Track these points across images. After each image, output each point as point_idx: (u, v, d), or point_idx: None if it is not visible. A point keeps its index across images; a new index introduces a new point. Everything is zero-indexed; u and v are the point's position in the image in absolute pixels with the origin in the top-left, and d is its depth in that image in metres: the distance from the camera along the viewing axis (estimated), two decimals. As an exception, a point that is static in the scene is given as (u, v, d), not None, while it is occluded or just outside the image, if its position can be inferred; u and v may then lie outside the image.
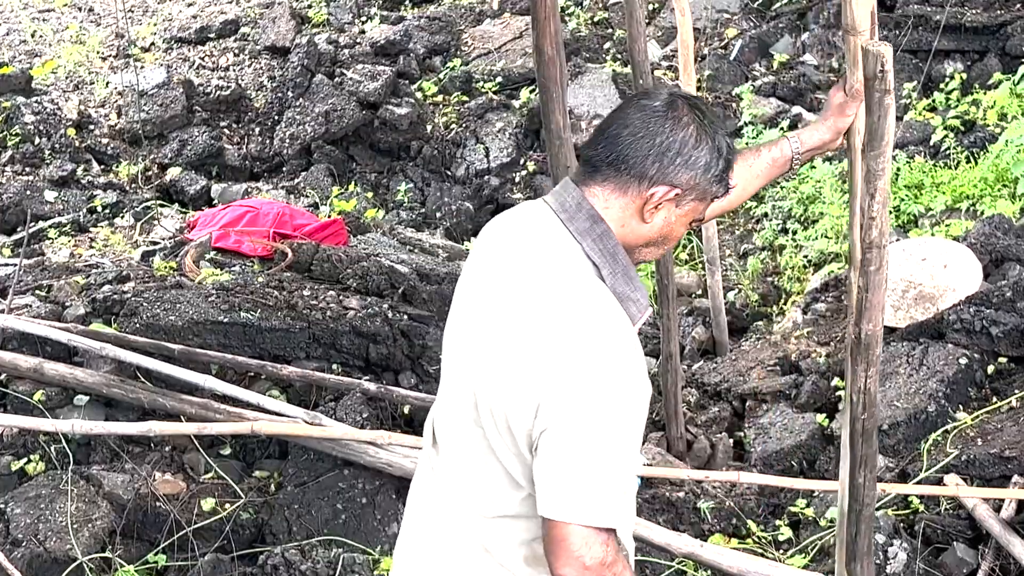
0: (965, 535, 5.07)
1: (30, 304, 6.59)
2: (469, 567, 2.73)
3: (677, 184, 2.57)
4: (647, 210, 2.58)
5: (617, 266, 2.59)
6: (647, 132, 2.56)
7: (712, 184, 2.62)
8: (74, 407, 5.77)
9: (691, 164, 2.57)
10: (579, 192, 2.61)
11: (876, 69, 2.83)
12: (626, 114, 2.61)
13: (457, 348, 2.72)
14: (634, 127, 2.57)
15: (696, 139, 2.57)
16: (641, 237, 2.64)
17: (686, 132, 2.57)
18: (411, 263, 7.85)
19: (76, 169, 9.80)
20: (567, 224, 2.59)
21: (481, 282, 2.68)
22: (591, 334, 2.46)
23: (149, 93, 11.06)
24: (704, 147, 2.58)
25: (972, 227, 7.20)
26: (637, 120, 2.58)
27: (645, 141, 2.56)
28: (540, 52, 4.50)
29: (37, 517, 5.06)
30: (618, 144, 2.58)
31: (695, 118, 2.58)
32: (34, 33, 12.80)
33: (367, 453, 5.32)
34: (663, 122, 2.57)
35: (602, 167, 2.60)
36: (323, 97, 11.03)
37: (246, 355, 6.16)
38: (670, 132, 2.56)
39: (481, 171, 10.86)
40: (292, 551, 4.94)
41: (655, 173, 2.56)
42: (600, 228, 2.58)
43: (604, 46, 12.23)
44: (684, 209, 2.63)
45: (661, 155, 2.55)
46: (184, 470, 5.60)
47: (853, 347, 3.13)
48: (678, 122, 2.57)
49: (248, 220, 8.21)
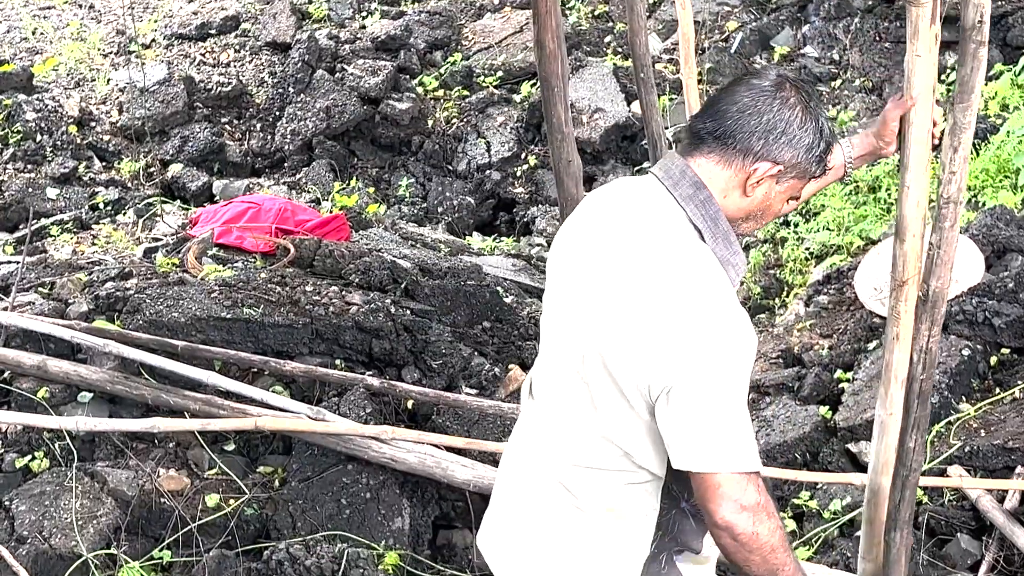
0: (969, 526, 5.08)
1: (33, 302, 6.59)
2: (550, 505, 2.92)
3: (780, 161, 2.70)
4: (749, 184, 2.72)
5: (718, 231, 2.73)
6: (755, 110, 2.69)
7: (812, 164, 2.75)
8: (78, 404, 5.78)
9: (795, 143, 2.70)
10: (683, 162, 2.75)
11: (975, 19, 2.84)
12: (735, 91, 2.74)
13: (563, 310, 2.85)
14: (743, 104, 2.70)
15: (801, 120, 2.70)
16: (741, 210, 2.77)
17: (792, 112, 2.69)
18: (413, 258, 7.86)
19: (78, 166, 9.81)
20: (671, 190, 2.73)
21: (587, 247, 2.81)
22: (703, 294, 2.62)
23: (150, 90, 11.07)
24: (808, 127, 2.70)
25: (974, 218, 7.19)
26: (746, 97, 2.70)
27: (753, 118, 2.68)
28: (541, 46, 4.50)
29: (42, 514, 5.07)
30: (726, 119, 2.70)
31: (801, 99, 2.71)
32: (35, 30, 12.79)
33: (371, 448, 5.33)
34: (771, 101, 2.69)
35: (708, 140, 2.73)
36: (324, 92, 11.03)
37: (249, 351, 6.17)
38: (777, 111, 2.69)
39: (482, 165, 10.86)
40: (296, 546, 4.95)
41: (760, 149, 2.69)
42: (703, 194, 2.72)
43: (605, 40, 12.22)
44: (784, 186, 2.76)
45: (767, 132, 2.68)
46: (188, 466, 5.60)
47: (919, 305, 3.11)
48: (785, 102, 2.69)
49: (250, 216, 8.21)
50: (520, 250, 9.43)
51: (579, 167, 4.87)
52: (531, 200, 10.54)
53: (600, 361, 2.70)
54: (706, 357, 2.57)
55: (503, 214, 10.76)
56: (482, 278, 7.55)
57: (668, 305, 2.60)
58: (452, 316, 6.95)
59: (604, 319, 2.70)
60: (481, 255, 9.02)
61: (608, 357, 2.68)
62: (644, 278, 2.65)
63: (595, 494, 2.85)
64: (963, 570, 4.91)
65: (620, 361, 2.66)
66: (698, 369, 2.57)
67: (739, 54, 11.57)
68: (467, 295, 7.11)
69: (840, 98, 10.16)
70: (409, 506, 5.32)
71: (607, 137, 10.58)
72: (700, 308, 2.60)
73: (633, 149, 10.61)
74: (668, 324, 2.59)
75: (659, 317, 2.60)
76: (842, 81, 10.43)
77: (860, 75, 10.39)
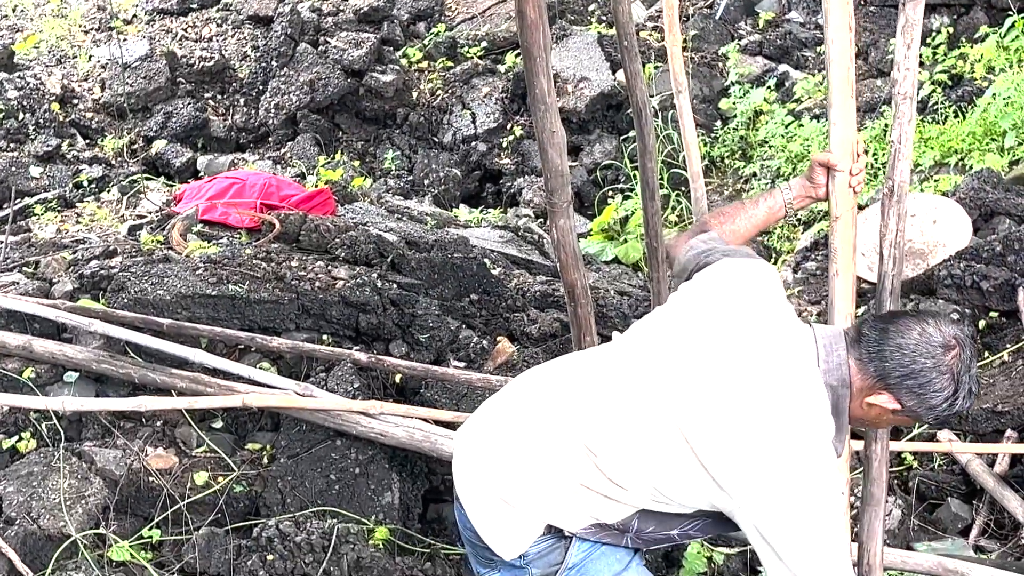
0: (959, 490, 5.09)
1: (17, 281, 6.55)
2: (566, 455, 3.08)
3: (902, 403, 2.87)
4: (866, 401, 2.90)
5: (839, 418, 2.93)
6: (912, 354, 2.84)
7: (930, 417, 2.90)
8: (64, 384, 5.75)
9: (924, 399, 2.85)
10: (844, 353, 2.91)
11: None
12: (912, 328, 2.88)
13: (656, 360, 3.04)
14: (905, 344, 2.85)
15: (943, 385, 2.83)
16: (854, 414, 2.95)
17: (941, 377, 2.83)
18: (399, 231, 7.83)
19: (61, 144, 9.76)
20: (824, 370, 2.90)
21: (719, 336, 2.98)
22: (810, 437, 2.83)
23: (132, 66, 11.01)
24: (945, 394, 2.84)
25: (961, 182, 7.19)
26: (913, 341, 2.85)
27: (906, 359, 2.84)
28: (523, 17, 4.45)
29: (30, 495, 5.04)
30: (885, 345, 2.86)
31: (960, 370, 2.84)
32: (15, 8, 12.70)
33: (359, 423, 5.31)
34: (929, 357, 2.83)
35: (866, 348, 2.89)
36: (307, 66, 10.98)
37: (235, 328, 6.14)
38: (929, 368, 2.83)
39: (468, 137, 10.84)
40: (286, 523, 4.94)
41: (893, 385, 2.86)
42: (843, 392, 2.90)
43: (589, 8, 12.18)
44: (895, 417, 2.95)
45: (907, 377, 2.84)
46: (176, 444, 5.58)
47: (885, 201, 3.27)
48: (940, 363, 2.83)
49: (234, 192, 8.18)
50: (507, 221, 9.40)
51: (563, 138, 4.83)
52: (517, 171, 10.52)
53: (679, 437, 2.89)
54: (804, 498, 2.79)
55: (489, 185, 10.74)
56: (469, 250, 7.53)
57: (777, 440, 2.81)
58: (439, 289, 6.93)
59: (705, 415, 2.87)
60: (468, 227, 9.00)
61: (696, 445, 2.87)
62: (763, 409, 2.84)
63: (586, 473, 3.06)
64: (954, 534, 4.92)
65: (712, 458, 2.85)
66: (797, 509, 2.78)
67: (724, 20, 11.54)
68: (454, 268, 7.09)
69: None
70: (399, 480, 5.31)
71: (592, 106, 10.55)
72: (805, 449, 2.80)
73: (619, 118, 10.58)
74: (772, 456, 2.80)
75: (765, 447, 2.80)
76: (827, 46, 10.39)
77: (845, 40, 10.35)
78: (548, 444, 3.11)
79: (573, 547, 3.12)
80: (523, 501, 3.11)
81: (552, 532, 3.12)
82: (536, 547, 3.12)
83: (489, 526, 3.15)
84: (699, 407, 2.89)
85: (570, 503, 3.07)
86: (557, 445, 3.09)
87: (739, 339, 2.95)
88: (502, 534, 3.14)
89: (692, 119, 6.37)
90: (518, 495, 3.11)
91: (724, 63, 10.94)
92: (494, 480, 3.17)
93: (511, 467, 3.15)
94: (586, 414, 3.08)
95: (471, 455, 3.29)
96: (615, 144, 10.39)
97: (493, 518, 3.15)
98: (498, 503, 3.14)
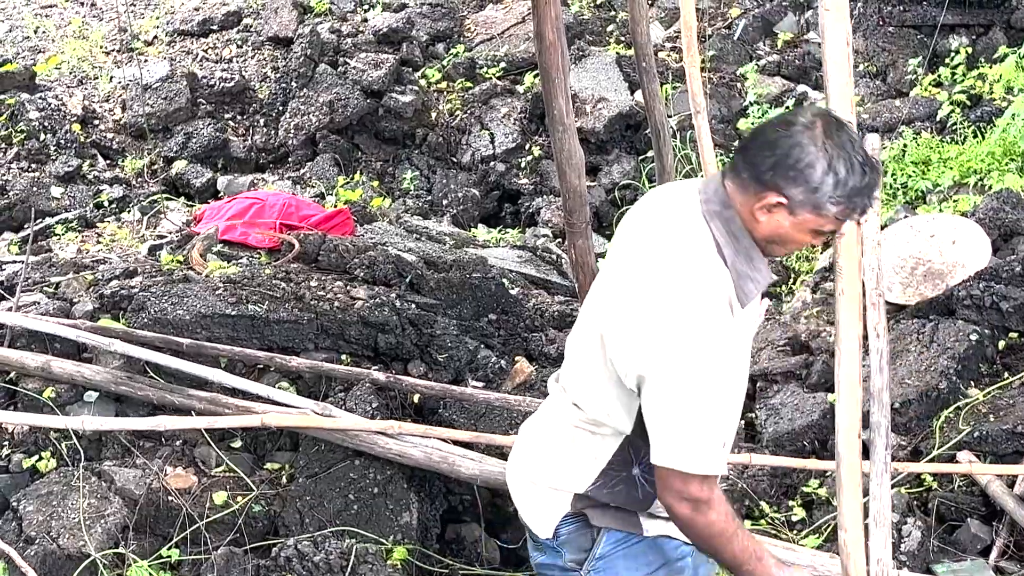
0: (979, 512, 5.06)
1: (38, 301, 6.58)
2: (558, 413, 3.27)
3: (787, 195, 2.81)
4: (757, 210, 2.86)
5: (739, 246, 2.91)
6: (775, 143, 2.81)
7: (825, 202, 2.79)
8: (84, 403, 5.77)
9: (801, 179, 2.78)
10: (720, 180, 2.95)
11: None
12: (770, 124, 2.90)
13: (593, 295, 3.16)
14: (766, 136, 2.85)
15: (813, 159, 2.76)
16: (758, 233, 2.91)
17: (805, 151, 2.77)
18: (418, 251, 7.84)
19: (81, 164, 9.80)
20: (703, 204, 2.94)
21: (624, 243, 3.10)
22: (686, 298, 2.82)
23: (153, 87, 11.05)
24: (819, 167, 2.76)
25: (980, 202, 7.17)
26: (772, 131, 2.85)
27: (768, 150, 2.82)
28: (541, 38, 4.48)
29: (50, 514, 5.06)
30: (751, 149, 2.87)
31: (822, 140, 2.77)
32: (37, 29, 12.78)
33: (378, 443, 5.32)
34: (792, 138, 2.79)
35: (738, 164, 2.90)
36: (327, 87, 11.01)
37: (254, 347, 6.16)
38: (791, 148, 2.78)
39: (487, 157, 10.85)
40: (305, 543, 4.94)
41: (768, 179, 2.81)
42: (728, 213, 2.91)
43: (607, 29, 12.20)
44: (799, 218, 2.85)
45: (776, 165, 2.79)
46: (195, 464, 5.60)
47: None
48: (801, 139, 2.78)
49: (254, 212, 8.20)
50: (525, 241, 9.41)
51: (581, 159, 4.85)
52: (536, 191, 10.52)
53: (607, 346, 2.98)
54: (676, 358, 2.81)
55: (508, 205, 10.75)
56: (487, 270, 7.54)
57: (654, 303, 2.84)
58: (458, 309, 6.94)
59: (612, 311, 2.98)
60: (486, 247, 9.01)
61: (610, 345, 2.97)
62: (645, 282, 2.90)
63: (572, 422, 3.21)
64: (974, 555, 4.90)
65: (617, 350, 2.94)
66: (666, 368, 2.82)
67: (742, 41, 11.54)
68: (472, 287, 7.10)
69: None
70: (417, 500, 5.31)
71: (611, 126, 10.56)
72: (680, 311, 2.81)
73: (637, 138, 10.58)
74: (650, 320, 2.84)
75: (644, 312, 2.86)
76: (846, 66, 10.38)
77: (864, 60, 10.35)
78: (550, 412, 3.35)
79: (601, 538, 3.20)
80: (542, 475, 3.27)
81: (579, 517, 3.22)
82: (565, 528, 3.23)
83: (525, 507, 3.34)
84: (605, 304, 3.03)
85: (572, 456, 3.20)
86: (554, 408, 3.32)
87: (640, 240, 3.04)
88: (535, 513, 3.29)
89: (710, 139, 6.37)
90: (538, 471, 3.29)
91: (743, 83, 10.94)
92: (522, 463, 3.38)
93: (530, 447, 3.37)
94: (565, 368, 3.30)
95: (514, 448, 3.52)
96: (633, 164, 10.39)
97: (527, 499, 3.33)
98: (528, 485, 3.32)
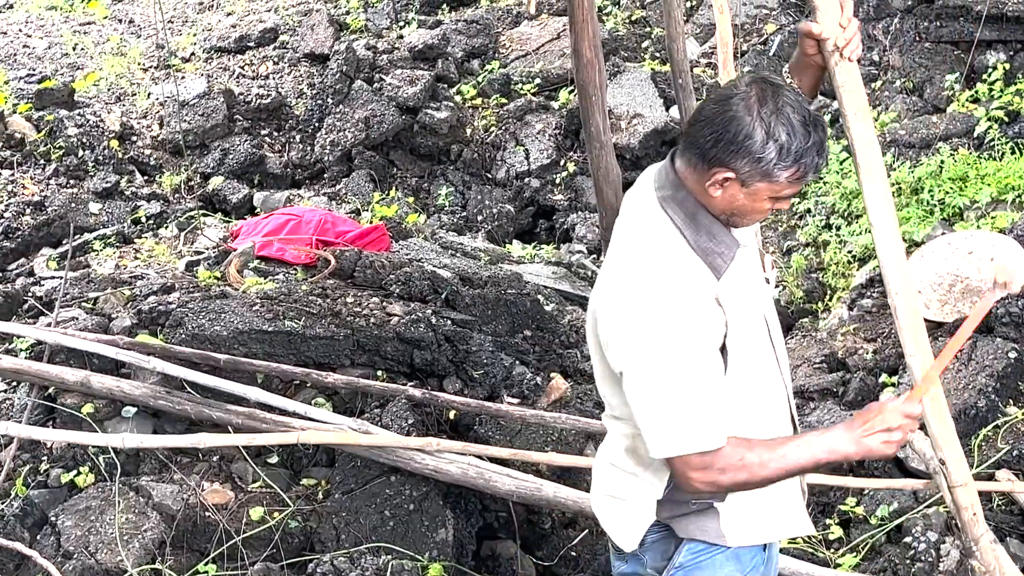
0: (1018, 530, 5.03)
1: (76, 316, 6.63)
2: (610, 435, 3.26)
3: (734, 168, 2.78)
4: (709, 186, 2.84)
5: (699, 225, 2.90)
6: (713, 119, 2.79)
7: (774, 169, 2.77)
8: (122, 419, 5.81)
9: (744, 152, 2.76)
10: (669, 164, 2.95)
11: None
12: (708, 100, 2.88)
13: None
14: (705, 113, 2.83)
15: (750, 129, 2.74)
16: (716, 208, 2.90)
17: (741, 122, 2.75)
18: (453, 267, 7.85)
19: (119, 180, 9.86)
20: (657, 191, 2.95)
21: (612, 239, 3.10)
22: (644, 292, 2.82)
23: (190, 103, 11.13)
24: (757, 137, 2.74)
25: (1018, 218, 7.12)
26: (711, 108, 2.82)
27: (708, 127, 2.80)
28: (578, 55, 4.49)
29: (87, 529, 5.09)
30: (693, 127, 2.85)
31: (756, 108, 2.75)
32: (75, 46, 12.89)
33: (414, 459, 5.32)
34: (729, 111, 2.77)
35: (684, 145, 2.89)
36: (363, 103, 11.06)
37: (291, 363, 6.18)
38: (729, 121, 2.76)
39: (521, 173, 10.86)
40: (341, 559, 4.95)
41: (712, 156, 2.79)
42: (680, 195, 2.90)
43: (642, 45, 12.20)
44: (751, 188, 2.82)
45: (717, 142, 2.77)
46: (232, 479, 5.62)
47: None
48: (739, 112, 2.76)
49: (291, 228, 8.24)
50: (560, 257, 9.41)
51: (618, 175, 4.86)
52: (571, 207, 10.53)
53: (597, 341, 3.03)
54: (641, 350, 2.82)
55: (543, 221, 10.75)
56: (522, 286, 7.54)
57: (620, 300, 2.87)
58: (493, 325, 6.94)
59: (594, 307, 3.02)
60: (521, 263, 9.01)
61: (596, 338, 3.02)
62: (615, 277, 2.92)
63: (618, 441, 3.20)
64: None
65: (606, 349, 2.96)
66: (636, 361, 2.84)
67: (777, 56, 11.51)
68: (508, 304, 7.10)
69: (880, 99, 10.08)
70: (453, 517, 5.31)
71: (646, 143, 10.55)
72: (638, 303, 2.83)
73: (672, 154, 10.56)
74: (619, 317, 2.87)
75: (615, 311, 2.88)
76: (882, 82, 10.35)
77: (900, 76, 10.31)
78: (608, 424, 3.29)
79: (683, 547, 3.18)
80: (619, 489, 3.24)
81: (665, 527, 3.20)
82: (651, 536, 3.21)
83: (609, 522, 3.30)
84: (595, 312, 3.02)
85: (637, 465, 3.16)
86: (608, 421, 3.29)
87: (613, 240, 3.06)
88: (620, 527, 3.25)
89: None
90: (615, 486, 3.25)
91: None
92: (599, 480, 3.34)
93: (602, 465, 3.32)
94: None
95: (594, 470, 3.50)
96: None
97: (610, 515, 3.29)
98: (608, 500, 3.29)
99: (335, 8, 13.53)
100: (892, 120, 9.58)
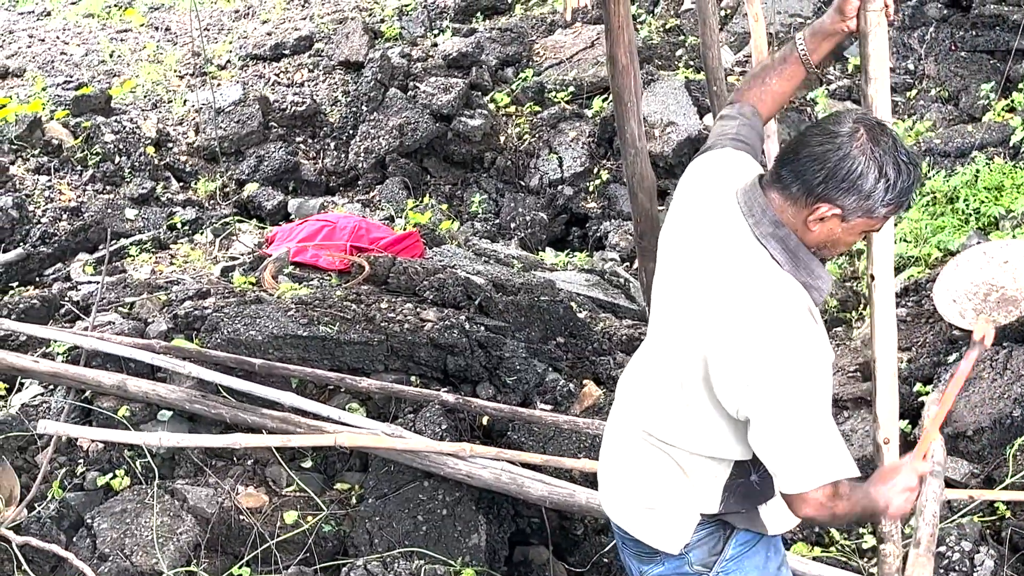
0: (1053, 542, 4.99)
1: (113, 321, 6.68)
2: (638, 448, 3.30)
3: (840, 205, 2.86)
4: (811, 221, 2.90)
5: (799, 261, 2.95)
6: (824, 156, 2.85)
7: (878, 206, 2.86)
8: (158, 422, 5.84)
9: (854, 190, 2.83)
10: (764, 198, 2.97)
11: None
12: (811, 135, 2.91)
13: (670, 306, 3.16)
14: (812, 149, 2.87)
15: (864, 169, 2.82)
16: (810, 241, 2.96)
17: (855, 162, 2.82)
18: (487, 274, 7.87)
19: (155, 187, 9.93)
20: (754, 228, 2.96)
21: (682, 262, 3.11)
22: (774, 329, 2.86)
23: (226, 110, 11.19)
24: (870, 176, 2.82)
25: (1054, 228, 7.09)
26: (817, 144, 2.87)
27: (817, 163, 2.85)
28: (614, 62, 4.49)
29: (123, 531, 5.12)
30: (797, 162, 2.89)
31: (869, 148, 2.83)
32: (112, 53, 12.99)
33: (447, 464, 5.33)
34: (838, 150, 2.84)
35: (784, 177, 2.93)
36: (397, 110, 11.10)
37: (325, 368, 6.20)
38: (841, 160, 2.83)
39: (555, 181, 10.87)
40: (374, 563, 4.96)
41: (821, 192, 2.86)
42: (782, 232, 2.94)
43: (676, 53, 12.19)
44: (851, 223, 2.91)
45: (828, 179, 2.84)
46: (266, 483, 5.64)
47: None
48: (850, 151, 2.83)
49: (325, 234, 8.28)
50: (593, 265, 9.41)
51: (653, 182, 4.86)
52: (604, 215, 10.53)
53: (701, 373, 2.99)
54: (781, 390, 2.85)
55: (576, 229, 10.76)
56: (555, 293, 7.55)
57: (746, 343, 2.87)
58: (526, 332, 6.95)
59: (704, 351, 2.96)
60: (554, 270, 9.02)
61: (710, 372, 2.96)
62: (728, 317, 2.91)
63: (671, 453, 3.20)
64: (1048, 586, 4.84)
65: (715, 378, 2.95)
66: (775, 401, 2.86)
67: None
68: (541, 311, 7.11)
69: (916, 108, 10.04)
70: (485, 522, 5.32)
71: (680, 151, 10.54)
72: (771, 344, 2.85)
73: (706, 162, 10.55)
74: (747, 361, 2.87)
75: (739, 355, 2.88)
76: (917, 91, 10.32)
77: (936, 85, 10.28)
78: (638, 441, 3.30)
79: (732, 539, 3.25)
80: (660, 501, 3.25)
81: (713, 520, 3.24)
82: (697, 534, 3.24)
83: (647, 532, 3.30)
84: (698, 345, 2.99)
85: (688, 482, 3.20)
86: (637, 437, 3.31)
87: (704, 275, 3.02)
88: (659, 535, 3.27)
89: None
90: (654, 498, 3.27)
91: (812, 108, 10.89)
92: (630, 494, 3.35)
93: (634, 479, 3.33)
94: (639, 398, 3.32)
95: (601, 479, 3.53)
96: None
97: (648, 525, 3.30)
98: (644, 511, 3.30)
99: (370, 16, 13.59)
100: (927, 129, 9.54)
